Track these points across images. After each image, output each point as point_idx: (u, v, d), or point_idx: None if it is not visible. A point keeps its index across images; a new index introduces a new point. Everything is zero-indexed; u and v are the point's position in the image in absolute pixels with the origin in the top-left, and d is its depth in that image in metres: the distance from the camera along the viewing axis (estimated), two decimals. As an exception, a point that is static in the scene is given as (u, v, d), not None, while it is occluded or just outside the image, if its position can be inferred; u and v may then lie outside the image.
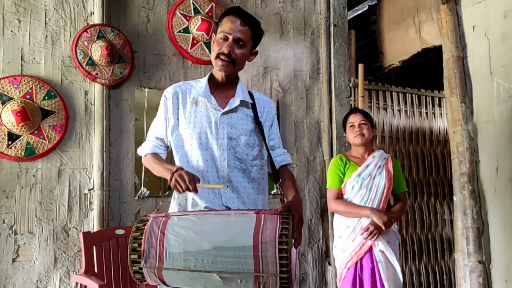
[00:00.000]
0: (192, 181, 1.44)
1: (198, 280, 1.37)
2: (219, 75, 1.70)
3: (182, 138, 1.65)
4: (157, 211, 1.64)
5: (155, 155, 1.67)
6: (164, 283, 1.40)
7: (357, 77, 3.77)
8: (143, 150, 1.71)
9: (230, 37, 1.62)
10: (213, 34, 1.72)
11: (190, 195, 1.61)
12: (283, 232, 1.33)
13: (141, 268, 1.38)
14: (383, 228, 2.41)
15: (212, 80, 1.72)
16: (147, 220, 1.43)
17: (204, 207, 1.59)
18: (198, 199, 1.59)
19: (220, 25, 1.67)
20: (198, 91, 1.68)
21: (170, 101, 1.69)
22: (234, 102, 1.69)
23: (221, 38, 1.63)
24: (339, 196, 2.60)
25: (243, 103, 1.71)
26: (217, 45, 1.64)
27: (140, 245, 1.38)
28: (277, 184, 1.68)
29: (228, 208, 1.60)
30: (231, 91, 1.72)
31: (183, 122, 1.66)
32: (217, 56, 1.63)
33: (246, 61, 1.73)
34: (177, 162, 1.65)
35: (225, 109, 1.67)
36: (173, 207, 1.68)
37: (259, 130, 1.71)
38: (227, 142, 1.64)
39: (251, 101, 1.74)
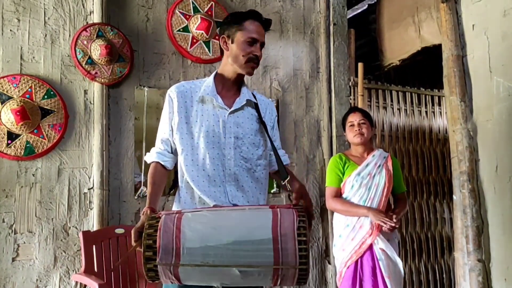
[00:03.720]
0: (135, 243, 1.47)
1: (216, 275, 1.36)
2: (231, 75, 1.70)
3: (187, 137, 1.65)
4: (163, 209, 1.65)
5: (155, 172, 1.67)
6: (179, 280, 1.38)
7: (356, 76, 3.77)
8: (149, 158, 1.71)
9: (258, 43, 1.66)
10: (224, 36, 1.69)
11: (197, 194, 1.61)
12: (300, 224, 1.34)
13: (156, 266, 1.34)
14: (389, 231, 2.40)
15: (218, 79, 1.73)
16: (159, 217, 1.40)
17: (213, 206, 1.59)
18: (206, 198, 1.60)
19: (243, 29, 1.65)
20: (205, 90, 1.68)
21: (175, 99, 1.67)
22: (241, 101, 1.70)
23: (248, 42, 1.64)
24: (338, 194, 2.60)
25: (249, 102, 1.73)
26: (246, 47, 1.64)
27: (155, 242, 1.34)
28: (285, 181, 1.68)
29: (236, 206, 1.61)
30: (236, 91, 1.74)
31: (189, 121, 1.66)
32: (249, 60, 1.65)
33: None
34: (182, 161, 1.64)
35: (233, 108, 1.68)
36: (177, 207, 1.68)
37: (264, 130, 1.72)
38: (234, 141, 1.65)
39: (255, 101, 1.76)
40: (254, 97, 1.78)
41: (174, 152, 1.70)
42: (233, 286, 1.43)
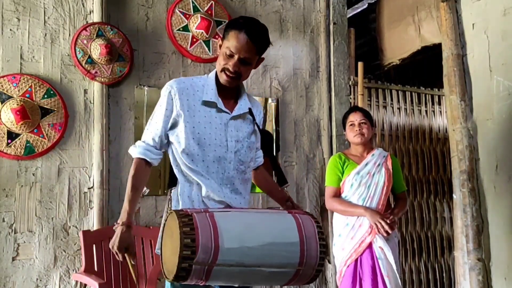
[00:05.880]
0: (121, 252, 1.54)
1: (244, 275, 1.39)
2: (223, 83, 1.68)
3: (190, 137, 1.61)
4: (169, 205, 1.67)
5: (138, 172, 1.64)
6: (207, 280, 1.36)
7: (356, 75, 3.77)
8: (134, 151, 1.67)
9: (236, 56, 1.59)
10: (219, 38, 1.69)
11: (204, 190, 1.59)
12: (319, 229, 1.44)
13: (191, 265, 1.30)
14: (385, 234, 2.40)
15: (216, 83, 1.70)
16: (189, 214, 1.36)
17: (224, 207, 1.60)
18: (216, 197, 1.60)
19: (226, 37, 1.61)
20: (208, 94, 1.66)
21: (176, 96, 1.63)
22: (243, 108, 1.70)
23: (227, 54, 1.60)
24: (337, 194, 2.60)
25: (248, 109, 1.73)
26: (222, 59, 1.62)
27: (193, 240, 1.29)
28: (284, 186, 1.71)
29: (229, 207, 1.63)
30: (234, 94, 1.74)
31: (191, 120, 1.62)
32: (222, 70, 1.63)
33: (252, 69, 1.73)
34: (181, 160, 1.62)
35: (235, 114, 1.68)
36: (176, 204, 1.65)
37: (257, 133, 1.74)
38: (235, 144, 1.65)
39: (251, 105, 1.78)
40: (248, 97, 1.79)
41: (161, 149, 1.68)
42: (253, 285, 1.49)
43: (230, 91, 1.72)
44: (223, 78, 1.64)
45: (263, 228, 1.41)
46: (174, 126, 1.65)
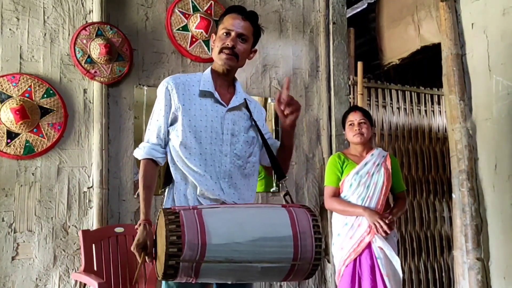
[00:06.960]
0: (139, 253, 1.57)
1: (236, 272, 1.38)
2: (220, 70, 1.71)
3: (186, 130, 1.62)
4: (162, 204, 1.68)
5: (147, 173, 1.66)
6: (197, 277, 1.36)
7: (356, 75, 3.77)
8: (140, 153, 1.67)
9: (233, 33, 1.65)
10: (213, 34, 1.74)
11: (198, 188, 1.60)
12: (315, 223, 1.42)
13: (178, 263, 1.30)
14: (383, 234, 2.41)
15: (213, 75, 1.73)
16: (177, 212, 1.36)
17: (221, 203, 1.60)
18: (209, 193, 1.60)
19: (221, 23, 1.70)
20: (205, 84, 1.69)
21: (173, 91, 1.65)
22: (238, 99, 1.72)
23: (224, 34, 1.66)
24: (336, 194, 2.61)
25: (244, 102, 1.75)
26: (219, 41, 1.67)
27: (179, 237, 1.29)
28: (282, 180, 1.71)
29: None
30: (231, 88, 1.75)
31: (187, 114, 1.64)
32: (220, 51, 1.66)
33: (246, 59, 1.75)
34: (177, 155, 1.63)
35: (231, 105, 1.69)
36: (171, 202, 1.66)
37: (256, 129, 1.74)
38: (230, 138, 1.66)
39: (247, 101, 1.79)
40: None
41: (166, 147, 1.69)
42: (248, 282, 1.47)
43: (225, 83, 1.73)
44: (222, 58, 1.66)
45: (253, 223, 1.39)
46: (174, 121, 1.66)
